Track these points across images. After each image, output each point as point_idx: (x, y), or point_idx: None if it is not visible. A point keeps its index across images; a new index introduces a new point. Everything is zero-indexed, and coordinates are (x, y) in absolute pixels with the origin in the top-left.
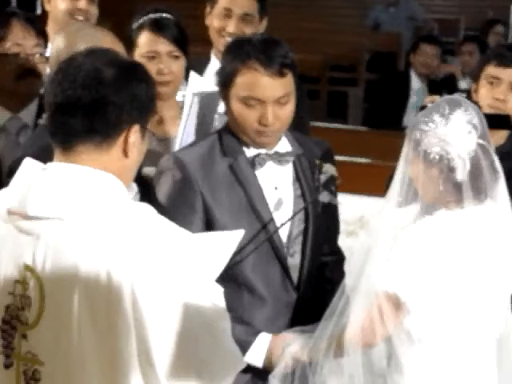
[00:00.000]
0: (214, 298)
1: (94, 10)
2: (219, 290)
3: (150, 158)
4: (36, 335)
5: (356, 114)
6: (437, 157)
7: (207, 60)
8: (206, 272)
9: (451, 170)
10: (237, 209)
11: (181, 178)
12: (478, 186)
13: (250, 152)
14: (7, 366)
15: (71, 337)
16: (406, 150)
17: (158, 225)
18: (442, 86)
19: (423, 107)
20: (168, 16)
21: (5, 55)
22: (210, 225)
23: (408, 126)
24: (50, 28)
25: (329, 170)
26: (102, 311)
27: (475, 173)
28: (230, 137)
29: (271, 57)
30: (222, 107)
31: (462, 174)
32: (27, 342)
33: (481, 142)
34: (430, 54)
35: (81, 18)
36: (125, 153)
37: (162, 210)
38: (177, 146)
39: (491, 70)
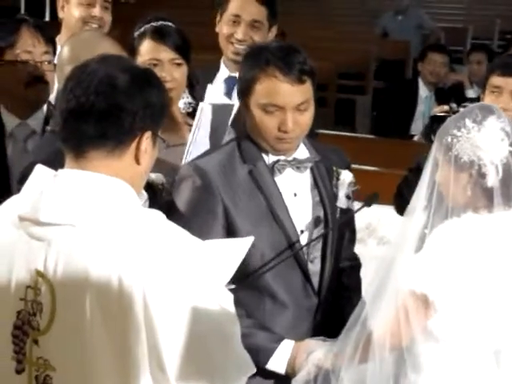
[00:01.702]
0: (224, 303)
1: (108, 17)
2: (229, 296)
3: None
4: (48, 341)
5: (364, 122)
6: (468, 162)
7: (217, 68)
8: (216, 278)
9: (482, 175)
10: (257, 215)
11: (201, 184)
12: (509, 193)
13: (269, 159)
14: (19, 372)
15: (83, 342)
16: (435, 155)
17: (169, 231)
18: (450, 94)
19: (434, 117)
20: (169, 24)
21: (14, 62)
22: (230, 231)
23: (422, 135)
24: (63, 35)
25: (346, 176)
26: (113, 317)
27: (506, 179)
28: (248, 144)
29: (290, 64)
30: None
31: (493, 179)
32: (39, 348)
33: None
34: (438, 63)
35: (95, 25)
36: (137, 160)
37: (182, 216)
38: (185, 155)
39: (494, 79)
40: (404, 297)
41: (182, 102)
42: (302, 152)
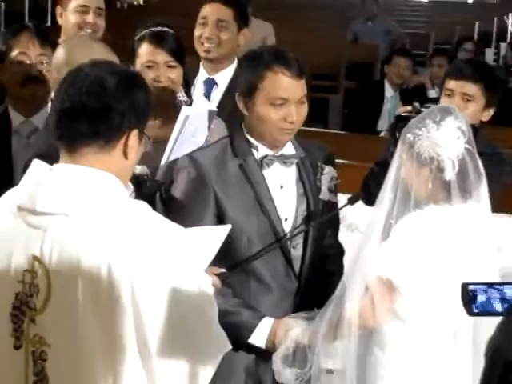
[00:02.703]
0: (203, 285)
1: (101, 23)
2: (207, 279)
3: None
4: (43, 320)
5: (336, 119)
6: (428, 158)
7: (197, 69)
8: (196, 262)
9: (441, 170)
10: (246, 205)
11: (196, 175)
12: (464, 186)
13: (258, 154)
14: (17, 348)
15: (75, 321)
16: (400, 153)
17: (153, 220)
18: (413, 94)
19: (398, 116)
20: (167, 29)
21: (10, 63)
22: (221, 218)
23: (388, 132)
24: (62, 39)
25: (329, 171)
26: (103, 298)
27: (462, 174)
28: (240, 140)
29: (291, 61)
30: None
31: (450, 174)
32: (35, 326)
33: (467, 146)
34: (402, 66)
35: (89, 30)
36: (125, 155)
37: (178, 204)
38: (166, 156)
39: (448, 83)
40: (371, 281)
41: (178, 100)
42: (289, 148)
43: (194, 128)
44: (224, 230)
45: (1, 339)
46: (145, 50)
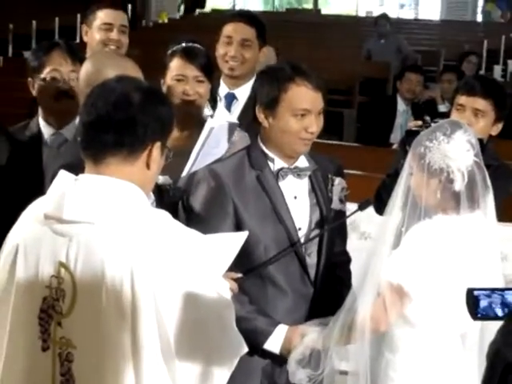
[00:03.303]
0: (221, 291)
1: (125, 40)
2: (225, 284)
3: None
4: (69, 323)
5: (350, 132)
6: (438, 169)
7: (218, 84)
8: (215, 268)
9: (450, 181)
10: (263, 214)
11: (215, 186)
12: (473, 197)
13: (274, 166)
14: (45, 350)
15: (99, 325)
16: (410, 163)
17: (174, 229)
18: (424, 109)
19: (408, 131)
20: (198, 46)
21: (44, 79)
22: (239, 227)
23: (399, 145)
24: (88, 56)
25: (340, 182)
26: (126, 303)
27: (471, 185)
28: (257, 152)
29: (310, 75)
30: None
31: (460, 184)
32: (62, 329)
33: (476, 159)
34: (414, 81)
35: (113, 46)
36: (148, 165)
37: (198, 213)
38: (189, 166)
39: (459, 98)
40: (383, 287)
41: (204, 114)
42: (302, 161)
43: (216, 139)
44: (242, 237)
45: (29, 342)
46: (176, 64)
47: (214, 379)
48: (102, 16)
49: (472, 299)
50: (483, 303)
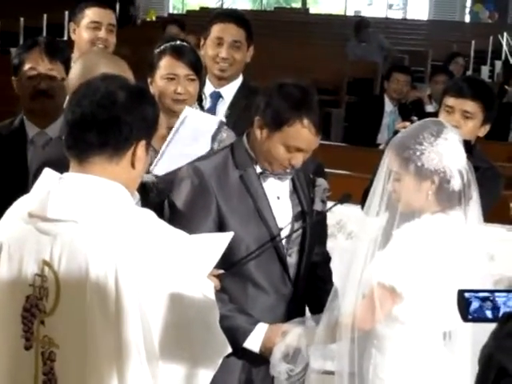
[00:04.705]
0: (206, 291)
1: (113, 39)
2: (210, 285)
3: None
4: (52, 321)
5: (338, 132)
6: (433, 170)
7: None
8: (200, 268)
9: (447, 181)
10: (246, 213)
11: (198, 184)
12: (469, 196)
13: (257, 167)
14: (27, 348)
15: (83, 324)
16: (389, 168)
17: (158, 228)
18: (411, 109)
19: (396, 131)
20: (186, 44)
21: (21, 78)
22: (221, 226)
23: (388, 146)
24: (75, 54)
25: (322, 183)
26: (110, 302)
27: (468, 183)
28: (241, 152)
29: (318, 120)
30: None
31: (459, 183)
32: (45, 328)
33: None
34: (401, 82)
35: (101, 45)
36: (132, 165)
37: (180, 211)
38: (159, 156)
39: (448, 99)
40: (372, 287)
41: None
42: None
43: (193, 133)
44: (227, 237)
45: (12, 340)
46: (166, 63)
47: (198, 380)
48: (90, 14)
49: (463, 301)
50: (474, 305)
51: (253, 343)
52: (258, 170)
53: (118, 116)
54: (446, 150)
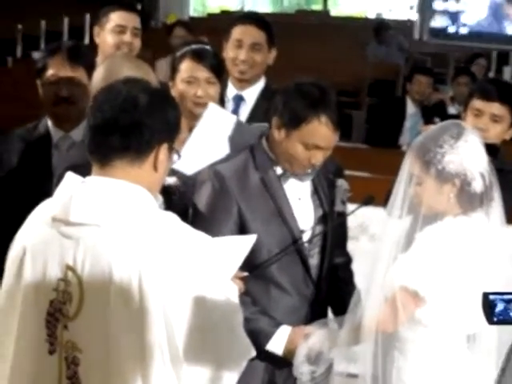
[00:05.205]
0: (230, 294)
1: (137, 43)
2: (234, 288)
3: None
4: (76, 326)
5: (359, 134)
6: (454, 173)
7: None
8: (223, 272)
9: (468, 183)
10: (267, 215)
11: (219, 187)
12: (491, 197)
13: (277, 169)
14: (51, 353)
15: (106, 328)
16: (410, 172)
17: (181, 231)
18: (434, 111)
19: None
20: (207, 47)
21: (44, 83)
22: (243, 229)
23: (408, 149)
24: (99, 58)
25: (342, 183)
26: (134, 306)
27: (490, 185)
28: (261, 154)
29: (335, 117)
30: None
31: (480, 185)
32: (68, 332)
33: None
34: (423, 84)
35: (126, 49)
36: (155, 168)
37: (202, 215)
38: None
39: (475, 102)
40: (395, 291)
41: None
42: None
43: (213, 127)
44: (250, 240)
45: (36, 345)
46: (186, 66)
47: (222, 382)
48: (115, 18)
49: (488, 303)
50: (499, 307)
51: (276, 346)
52: (279, 171)
53: (140, 120)
54: (467, 153)
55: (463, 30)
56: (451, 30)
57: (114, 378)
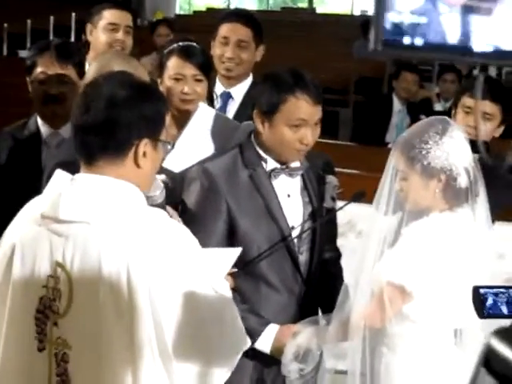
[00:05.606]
0: (219, 289)
1: (129, 41)
2: (225, 283)
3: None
4: (66, 323)
5: (345, 131)
6: (439, 168)
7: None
8: (214, 267)
9: (454, 179)
10: (256, 213)
11: (208, 185)
12: (476, 193)
13: (267, 166)
14: (41, 350)
15: (96, 324)
16: (395, 168)
17: (170, 227)
18: (420, 108)
19: None
20: (195, 45)
21: (33, 81)
22: (232, 226)
23: (393, 145)
24: (91, 55)
25: (331, 180)
26: (123, 302)
27: (475, 180)
28: (250, 151)
29: (311, 87)
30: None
31: (465, 181)
32: (58, 329)
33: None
34: (410, 81)
35: (118, 47)
36: (137, 164)
37: (191, 213)
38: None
39: (466, 100)
40: (382, 286)
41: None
42: (295, 161)
43: (203, 126)
44: (235, 252)
45: (26, 342)
46: (173, 64)
47: (213, 378)
48: (108, 16)
49: (478, 297)
50: (489, 301)
51: (263, 344)
52: (268, 168)
53: (115, 118)
54: (452, 148)
55: (418, 42)
56: (406, 41)
57: (105, 374)
